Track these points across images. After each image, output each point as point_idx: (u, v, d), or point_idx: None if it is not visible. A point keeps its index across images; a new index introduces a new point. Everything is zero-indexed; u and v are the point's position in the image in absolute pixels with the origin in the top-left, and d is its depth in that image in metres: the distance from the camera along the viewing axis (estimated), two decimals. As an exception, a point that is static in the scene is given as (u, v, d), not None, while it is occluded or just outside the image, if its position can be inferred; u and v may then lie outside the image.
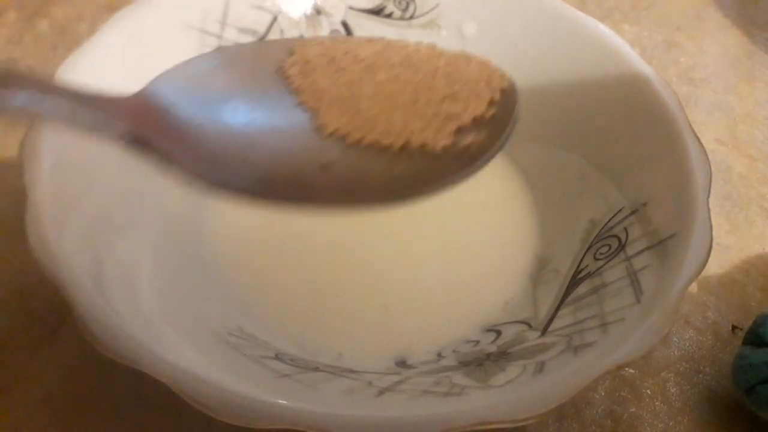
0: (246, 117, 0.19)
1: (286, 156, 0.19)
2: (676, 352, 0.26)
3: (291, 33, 0.29)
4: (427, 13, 0.30)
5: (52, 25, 0.35)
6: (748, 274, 0.29)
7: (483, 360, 0.22)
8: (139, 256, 0.23)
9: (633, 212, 0.24)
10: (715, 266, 0.29)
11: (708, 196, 0.22)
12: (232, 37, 0.28)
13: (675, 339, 0.26)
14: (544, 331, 0.23)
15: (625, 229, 0.23)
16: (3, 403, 0.23)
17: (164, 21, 0.26)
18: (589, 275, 0.23)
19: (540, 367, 0.20)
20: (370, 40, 0.23)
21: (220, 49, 0.26)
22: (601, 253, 0.24)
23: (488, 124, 0.20)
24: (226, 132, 0.19)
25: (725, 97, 0.36)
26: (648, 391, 0.25)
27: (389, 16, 0.30)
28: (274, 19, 0.29)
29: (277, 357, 0.22)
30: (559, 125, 0.28)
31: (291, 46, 0.22)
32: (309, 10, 0.30)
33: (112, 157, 0.23)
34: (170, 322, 0.20)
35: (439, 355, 0.23)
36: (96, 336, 0.17)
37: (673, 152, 0.23)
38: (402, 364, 0.23)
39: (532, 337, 0.23)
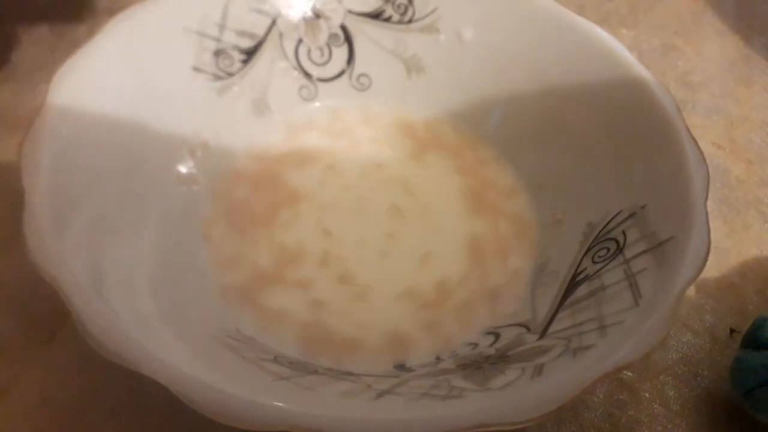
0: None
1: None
2: (674, 355, 0.26)
3: (290, 36, 0.29)
4: (425, 17, 0.30)
5: (51, 28, 0.35)
6: (745, 277, 0.29)
7: (482, 363, 0.22)
8: (137, 258, 0.23)
9: (631, 215, 0.24)
10: (712, 269, 0.29)
11: (706, 200, 0.22)
12: (230, 40, 0.28)
13: (673, 342, 0.26)
14: (543, 334, 0.23)
15: (624, 232, 0.23)
16: (1, 406, 0.23)
17: (163, 24, 0.26)
18: (587, 278, 0.23)
19: (539, 370, 0.20)
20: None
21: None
22: (599, 256, 0.24)
23: None
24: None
25: (723, 100, 0.36)
26: (646, 395, 0.25)
27: (388, 20, 0.30)
28: (273, 22, 0.29)
29: (276, 360, 0.22)
30: (556, 128, 0.28)
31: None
32: (308, 14, 0.30)
33: (110, 160, 0.23)
34: (169, 324, 0.20)
35: (438, 358, 0.23)
36: (95, 338, 0.17)
37: (671, 156, 0.23)
38: (401, 367, 0.23)
39: (531, 340, 0.23)
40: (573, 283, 0.24)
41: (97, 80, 0.23)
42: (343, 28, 0.30)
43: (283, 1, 0.29)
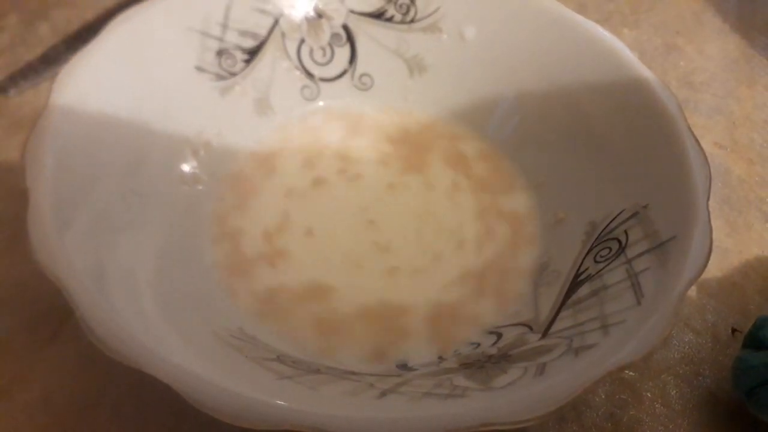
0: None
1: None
2: (675, 355, 0.26)
3: (292, 36, 0.29)
4: (427, 16, 0.30)
5: (53, 28, 0.35)
6: (747, 277, 0.29)
7: (484, 362, 0.22)
8: (140, 257, 0.23)
9: (633, 215, 0.24)
10: (714, 269, 0.29)
11: (708, 199, 0.22)
12: (233, 39, 0.28)
13: (675, 342, 0.26)
14: (545, 334, 0.23)
15: (626, 231, 0.24)
16: (3, 405, 0.23)
17: (165, 23, 0.26)
18: (589, 277, 0.23)
19: (541, 369, 0.20)
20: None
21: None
22: (601, 256, 0.24)
23: None
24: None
25: (724, 100, 0.36)
26: (648, 394, 0.25)
27: (390, 19, 0.30)
28: (276, 22, 0.29)
29: (279, 359, 0.22)
30: (559, 128, 0.28)
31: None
32: (310, 13, 0.30)
33: (113, 159, 0.23)
34: (172, 323, 0.20)
35: (441, 358, 0.23)
36: (98, 337, 0.17)
37: (673, 155, 0.23)
38: (403, 366, 0.23)
39: (533, 339, 0.23)
40: (575, 283, 0.24)
41: (100, 80, 0.23)
42: (345, 27, 0.30)
43: (285, 0, 0.29)
